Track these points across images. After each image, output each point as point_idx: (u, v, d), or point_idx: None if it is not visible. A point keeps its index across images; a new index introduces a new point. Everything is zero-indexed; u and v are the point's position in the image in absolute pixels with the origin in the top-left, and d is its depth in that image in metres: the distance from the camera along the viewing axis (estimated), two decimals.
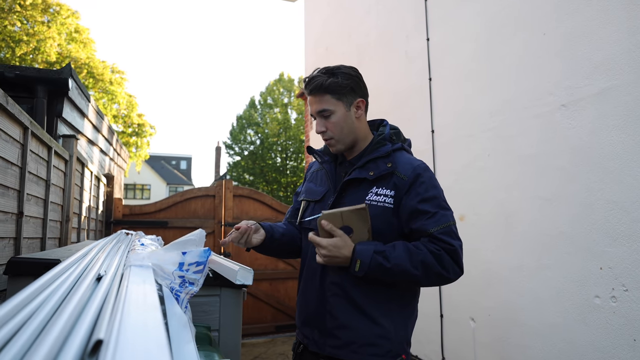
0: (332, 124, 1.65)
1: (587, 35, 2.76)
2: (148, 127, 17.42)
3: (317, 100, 1.65)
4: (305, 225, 1.80)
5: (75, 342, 0.66)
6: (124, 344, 0.54)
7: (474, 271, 3.60)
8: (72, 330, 0.73)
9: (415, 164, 1.64)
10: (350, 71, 1.68)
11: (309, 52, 7.63)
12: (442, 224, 1.56)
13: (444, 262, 1.52)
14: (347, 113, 1.66)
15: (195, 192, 6.46)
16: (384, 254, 1.51)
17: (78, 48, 15.41)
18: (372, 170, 1.63)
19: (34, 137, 2.71)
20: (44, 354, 0.59)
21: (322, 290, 1.66)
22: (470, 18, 3.82)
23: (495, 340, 3.35)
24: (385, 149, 1.68)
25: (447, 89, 4.08)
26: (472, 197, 3.69)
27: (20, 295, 0.93)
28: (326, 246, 1.51)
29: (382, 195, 1.60)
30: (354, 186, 1.66)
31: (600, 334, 2.58)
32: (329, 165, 1.80)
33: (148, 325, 0.64)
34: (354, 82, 1.67)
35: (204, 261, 1.39)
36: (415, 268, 1.50)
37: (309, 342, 1.69)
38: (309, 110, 1.73)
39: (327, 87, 1.62)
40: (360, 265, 1.50)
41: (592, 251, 2.66)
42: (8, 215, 2.40)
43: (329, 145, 1.71)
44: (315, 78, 1.64)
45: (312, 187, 1.85)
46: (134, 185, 39.90)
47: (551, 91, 2.99)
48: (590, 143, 2.71)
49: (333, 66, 1.68)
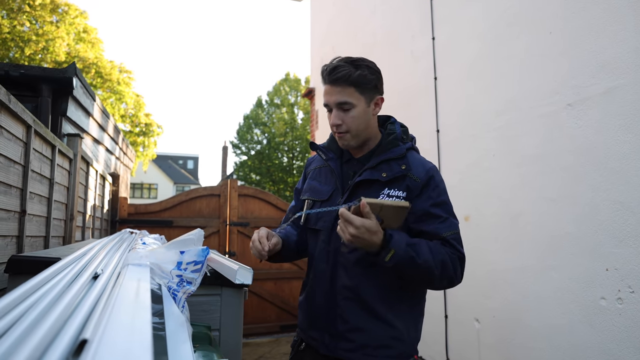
0: (350, 118, 1.57)
1: (594, 34, 2.72)
2: (155, 126, 17.50)
3: (339, 91, 1.55)
4: (311, 225, 1.73)
5: (62, 342, 0.65)
6: (106, 344, 0.53)
7: (478, 272, 3.57)
8: (62, 329, 0.73)
9: (428, 166, 1.62)
10: (374, 66, 1.61)
11: (314, 52, 7.62)
12: (452, 230, 1.56)
13: (457, 269, 1.52)
14: (367, 109, 1.59)
15: (201, 191, 6.47)
16: (414, 248, 1.44)
17: (86, 48, 15.51)
18: (384, 172, 1.58)
19: (37, 136, 2.71)
20: (28, 354, 0.58)
21: (332, 294, 1.61)
22: (476, 17, 3.80)
23: (500, 341, 3.33)
24: (399, 150, 1.62)
25: (453, 89, 4.06)
26: (477, 197, 3.66)
27: (13, 294, 0.92)
28: (359, 226, 1.35)
29: (394, 197, 1.55)
30: (365, 187, 1.60)
31: (606, 336, 2.55)
32: (334, 163, 1.72)
33: (135, 325, 0.63)
34: (378, 78, 1.60)
35: (202, 260, 1.38)
36: (436, 267, 1.46)
37: (319, 345, 1.64)
38: (324, 100, 1.62)
39: (354, 80, 1.53)
40: (394, 256, 1.41)
41: (598, 252, 2.63)
42: (10, 214, 2.40)
43: (341, 139, 1.62)
44: (340, 68, 1.53)
45: (316, 185, 1.76)
46: (141, 184, 40.09)
47: (557, 90, 2.96)
48: (596, 143, 2.68)
49: (355, 57, 1.59)
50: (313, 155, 1.88)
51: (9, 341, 0.65)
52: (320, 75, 1.61)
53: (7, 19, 13.62)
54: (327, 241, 1.65)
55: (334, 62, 1.57)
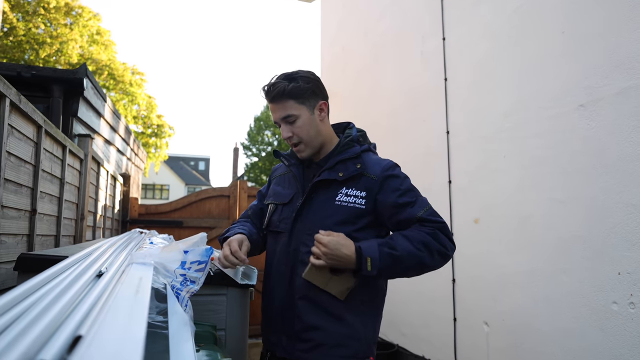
0: (298, 128, 1.64)
1: (608, 33, 2.68)
2: (167, 127, 17.62)
3: (280, 106, 1.63)
4: (273, 227, 1.77)
5: (61, 337, 0.65)
6: (99, 341, 0.52)
7: (487, 275, 3.54)
8: (61, 325, 0.73)
9: (383, 163, 1.68)
10: (309, 75, 1.68)
11: (324, 53, 7.61)
12: (425, 207, 1.62)
13: (440, 239, 1.56)
14: (312, 117, 1.66)
15: (210, 192, 6.50)
16: (388, 244, 1.51)
17: (99, 50, 15.66)
18: (341, 172, 1.64)
19: (47, 136, 2.74)
20: (27, 346, 0.58)
21: (290, 294, 1.64)
22: (486, 17, 3.77)
23: (510, 345, 3.29)
24: (354, 150, 1.69)
25: (463, 89, 4.03)
26: (487, 199, 3.63)
27: (18, 290, 0.93)
28: (327, 243, 1.47)
29: (352, 196, 1.62)
30: (324, 187, 1.66)
31: (618, 341, 2.51)
32: (296, 168, 1.78)
33: (130, 323, 0.62)
34: (315, 85, 1.67)
35: (205, 260, 1.38)
36: (419, 250, 1.52)
37: (277, 348, 1.67)
38: (273, 119, 1.72)
39: (289, 93, 1.60)
40: (372, 262, 1.47)
41: (609, 255, 2.59)
42: (21, 213, 2.43)
43: (298, 151, 1.70)
44: (275, 85, 1.62)
45: (279, 190, 1.83)
46: (153, 185, 40.38)
47: (569, 91, 2.92)
48: (609, 144, 2.63)
49: (291, 71, 1.67)
50: (279, 163, 1.96)
51: (10, 336, 0.66)
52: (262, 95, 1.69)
53: (23, 21, 13.81)
54: (288, 242, 1.69)
55: (272, 80, 1.66)
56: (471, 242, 3.74)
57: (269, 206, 1.83)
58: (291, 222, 1.68)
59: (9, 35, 13.40)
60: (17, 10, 13.72)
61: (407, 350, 4.64)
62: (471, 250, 3.73)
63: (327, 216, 1.61)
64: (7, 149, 2.15)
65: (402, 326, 4.72)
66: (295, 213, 1.67)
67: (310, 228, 1.62)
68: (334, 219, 1.60)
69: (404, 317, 4.66)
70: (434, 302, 4.20)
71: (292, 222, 1.68)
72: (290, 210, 1.71)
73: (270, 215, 1.80)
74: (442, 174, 4.16)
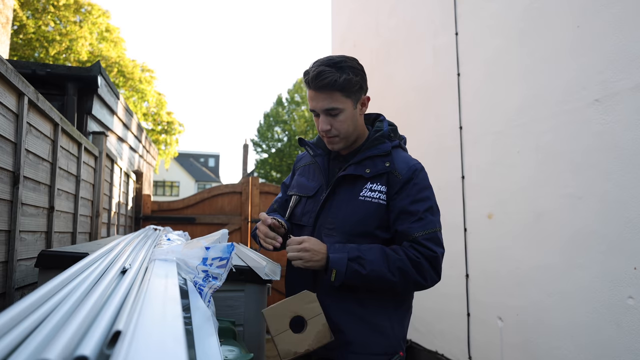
0: (339, 122, 1.56)
1: (624, 26, 2.66)
2: (177, 124, 17.69)
3: (326, 97, 1.52)
4: (296, 220, 1.74)
5: (96, 332, 0.66)
6: (140, 335, 0.54)
7: (502, 270, 3.53)
8: (94, 321, 0.74)
9: (412, 163, 1.62)
10: (357, 65, 1.58)
11: (335, 49, 7.60)
12: (428, 229, 1.54)
13: (423, 270, 1.50)
14: (354, 111, 1.58)
15: (222, 188, 6.53)
16: (359, 261, 1.48)
17: (109, 47, 15.75)
18: (368, 168, 1.60)
19: (64, 134, 2.77)
20: (65, 342, 0.60)
21: (314, 290, 1.61)
22: (500, 11, 3.74)
23: (524, 340, 3.28)
24: (385, 147, 1.63)
25: (476, 84, 4.01)
26: (501, 195, 3.61)
27: (46, 286, 0.95)
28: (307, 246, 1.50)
29: (376, 192, 1.58)
30: (349, 182, 1.62)
31: (634, 336, 2.49)
32: (322, 159, 1.72)
33: (166, 318, 0.63)
34: (362, 78, 1.58)
35: (227, 256, 1.39)
36: (392, 274, 1.48)
37: None
38: (310, 106, 1.60)
39: (340, 85, 1.49)
40: (337, 275, 1.47)
41: (625, 250, 2.57)
42: (40, 210, 2.46)
43: (331, 142, 1.62)
44: (325, 73, 1.49)
45: (304, 181, 1.78)
46: (164, 182, 40.62)
47: (584, 85, 2.90)
48: (624, 139, 2.61)
49: (336, 58, 1.54)
50: (304, 151, 1.89)
51: (45, 331, 0.67)
52: (304, 80, 1.58)
53: (32, 19, 13.91)
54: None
55: (317, 66, 1.53)
56: (485, 237, 3.74)
57: (292, 197, 1.77)
58: (314, 217, 1.65)
59: (19, 33, 13.51)
60: (26, 8, 13.82)
61: (420, 345, 4.65)
62: (485, 245, 3.73)
63: (350, 212, 1.58)
64: (26, 147, 2.18)
65: (415, 321, 4.73)
66: (319, 207, 1.64)
67: (332, 223, 1.60)
68: (357, 216, 1.57)
69: (417, 312, 4.63)
70: (447, 298, 4.20)
71: (316, 216, 1.65)
72: (314, 204, 1.67)
73: (294, 207, 1.75)
74: (455, 169, 4.15)
